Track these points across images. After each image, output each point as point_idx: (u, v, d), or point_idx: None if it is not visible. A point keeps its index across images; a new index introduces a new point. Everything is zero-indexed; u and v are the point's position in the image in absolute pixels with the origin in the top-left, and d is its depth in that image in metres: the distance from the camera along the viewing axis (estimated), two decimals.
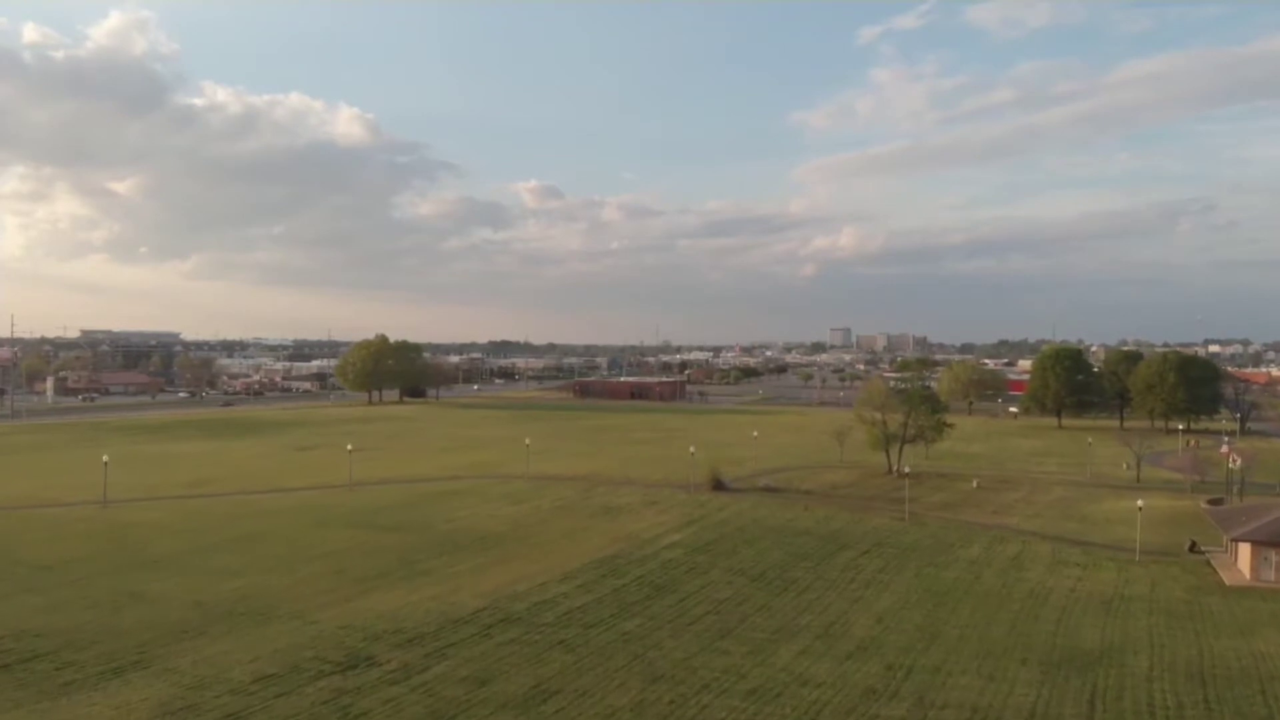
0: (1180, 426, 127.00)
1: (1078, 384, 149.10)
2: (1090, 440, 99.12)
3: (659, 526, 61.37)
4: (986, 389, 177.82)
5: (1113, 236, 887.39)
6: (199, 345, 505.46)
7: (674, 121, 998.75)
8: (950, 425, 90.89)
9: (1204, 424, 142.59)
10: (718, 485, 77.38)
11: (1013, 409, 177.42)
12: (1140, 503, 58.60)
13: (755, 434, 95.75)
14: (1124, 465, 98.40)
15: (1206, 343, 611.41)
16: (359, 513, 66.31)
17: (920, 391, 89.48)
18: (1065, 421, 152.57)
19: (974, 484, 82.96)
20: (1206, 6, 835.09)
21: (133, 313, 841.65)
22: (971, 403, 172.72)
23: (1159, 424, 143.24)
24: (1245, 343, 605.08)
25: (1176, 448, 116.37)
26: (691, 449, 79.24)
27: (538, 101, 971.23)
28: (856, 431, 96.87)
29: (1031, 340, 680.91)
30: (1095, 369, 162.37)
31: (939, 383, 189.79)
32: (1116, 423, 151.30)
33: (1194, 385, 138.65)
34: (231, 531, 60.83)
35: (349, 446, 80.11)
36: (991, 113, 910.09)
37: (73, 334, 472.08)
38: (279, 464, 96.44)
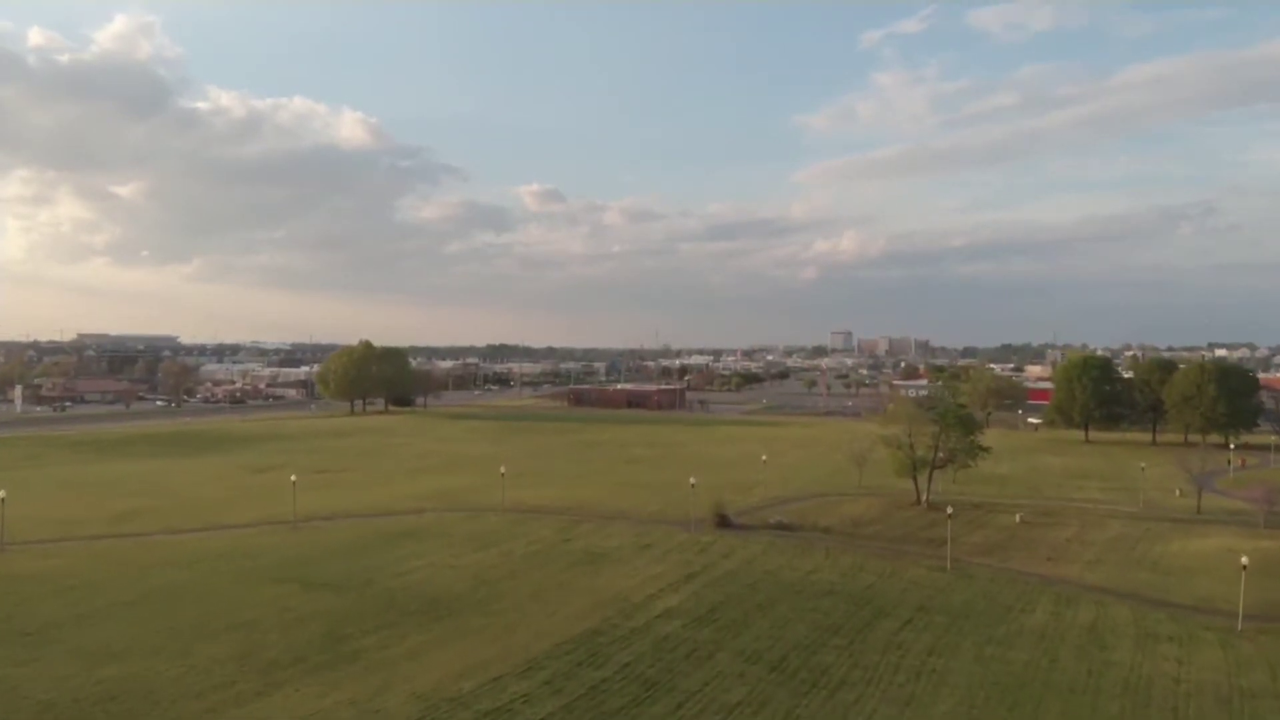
0: (1232, 444, 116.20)
1: (1107, 395, 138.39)
2: (1143, 465, 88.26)
3: (652, 583, 50.56)
4: (1005, 399, 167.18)
5: (1114, 239, 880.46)
6: (194, 349, 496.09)
7: (676, 125, 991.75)
8: (986, 449, 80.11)
9: (1243, 438, 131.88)
10: (722, 521, 66.63)
11: (1032, 420, 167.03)
12: (1245, 560, 47.79)
13: (764, 458, 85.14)
14: (1176, 491, 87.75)
15: (1211, 346, 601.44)
16: (294, 562, 55.51)
17: (954, 410, 78.59)
18: (1092, 435, 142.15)
19: (1016, 518, 72.22)
20: (1208, 10, 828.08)
21: (133, 316, 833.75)
22: (990, 413, 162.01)
23: (1194, 438, 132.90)
24: (1251, 347, 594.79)
25: (1226, 467, 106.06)
26: (692, 481, 68.41)
27: (540, 105, 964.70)
28: (876, 450, 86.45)
29: (1034, 344, 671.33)
30: (1128, 375, 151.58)
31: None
32: (1148, 436, 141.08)
33: (1234, 397, 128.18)
34: (135, 589, 50.02)
35: (293, 478, 69.11)
36: (993, 116, 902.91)
37: (69, 337, 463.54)
38: (227, 490, 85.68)
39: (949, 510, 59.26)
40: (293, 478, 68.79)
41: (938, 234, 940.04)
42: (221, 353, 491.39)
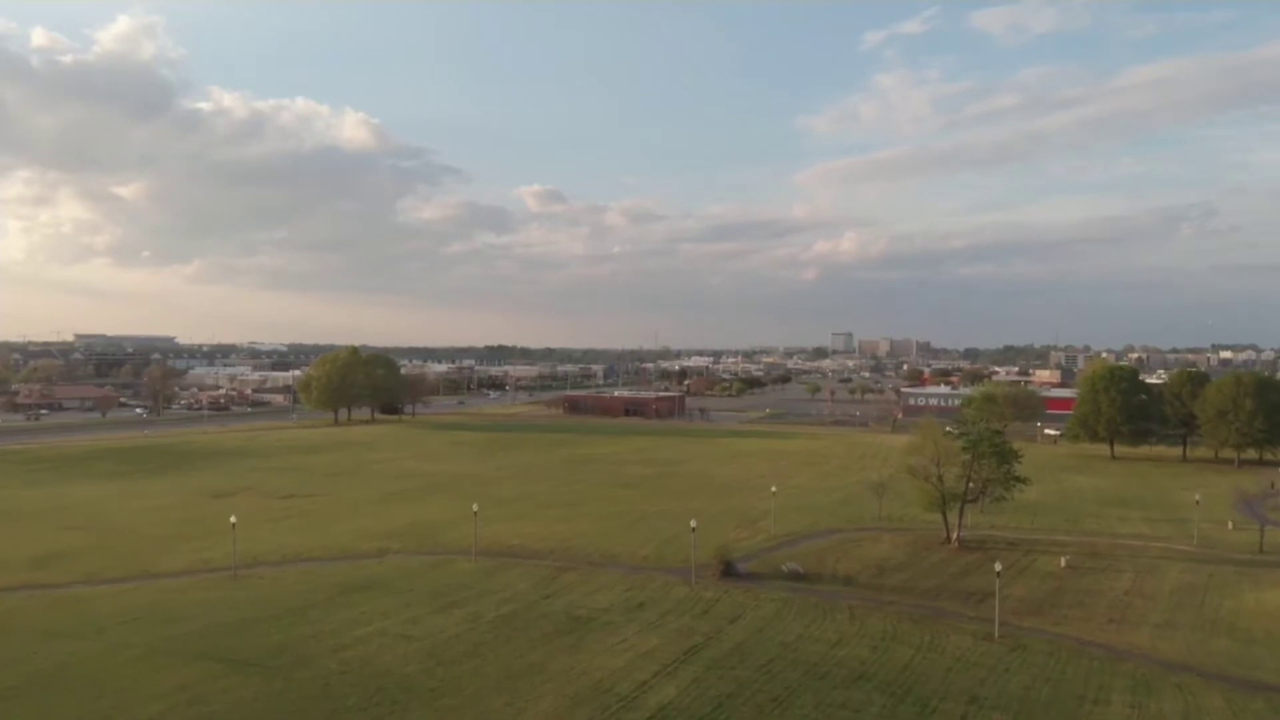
0: None
1: (1135, 408, 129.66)
2: (1197, 498, 79.27)
3: (645, 663, 41.76)
4: (1023, 409, 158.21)
5: (1114, 241, 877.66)
6: (191, 350, 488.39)
7: (677, 126, 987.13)
8: (1024, 480, 71.36)
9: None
10: (727, 570, 57.86)
11: (1049, 431, 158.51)
12: None
13: (774, 489, 76.31)
14: (1229, 524, 79.17)
15: (1215, 348, 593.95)
16: (221, 629, 46.74)
17: (990, 439, 69.78)
18: (1118, 449, 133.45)
19: (1062, 562, 63.45)
20: (1211, 12, 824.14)
21: (132, 317, 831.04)
22: (1006, 425, 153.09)
23: (1225, 454, 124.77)
24: (1255, 349, 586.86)
25: (1271, 490, 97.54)
26: (693, 524, 59.60)
27: (542, 106, 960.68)
28: (896, 475, 78.16)
29: (1037, 345, 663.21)
30: (1152, 379, 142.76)
31: (968, 402, 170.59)
32: (1175, 452, 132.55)
33: (1274, 411, 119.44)
34: (25, 668, 41.33)
35: (233, 520, 60.19)
36: (995, 117, 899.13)
37: (67, 338, 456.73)
38: (175, 522, 76.93)
39: (997, 568, 50.34)
40: (232, 519, 59.92)
41: (939, 235, 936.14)
42: (217, 355, 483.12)
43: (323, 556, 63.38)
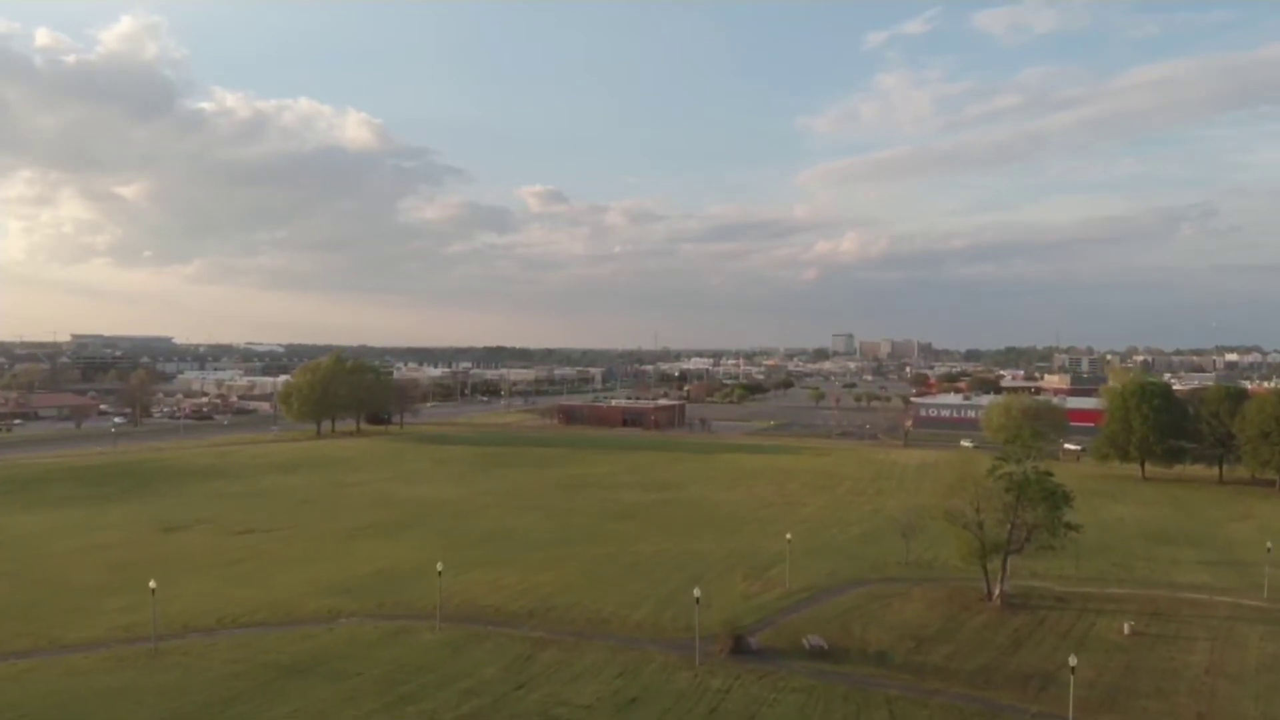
0: None
1: (1169, 426, 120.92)
2: (1269, 546, 69.62)
3: None
4: (1044, 424, 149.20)
5: (1114, 241, 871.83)
6: (187, 351, 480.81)
7: (678, 127, 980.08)
8: (1075, 528, 62.19)
9: None
10: (738, 646, 48.94)
11: (1070, 446, 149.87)
12: None
13: (788, 536, 67.24)
14: None
15: (1219, 349, 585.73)
16: None
17: (1040, 481, 60.84)
18: (1149, 469, 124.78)
19: (1125, 628, 54.55)
20: (1211, 12, 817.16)
21: (133, 317, 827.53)
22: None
23: (1265, 475, 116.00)
24: (1260, 350, 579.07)
25: None
26: (696, 593, 50.61)
27: (544, 107, 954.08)
28: (916, 503, 69.29)
29: (1039, 346, 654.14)
30: (1189, 399, 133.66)
31: (984, 416, 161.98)
32: (1210, 473, 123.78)
33: None
34: None
35: (152, 585, 51.04)
36: (996, 118, 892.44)
37: (64, 338, 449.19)
38: (110, 567, 67.97)
39: (1073, 662, 41.25)
40: (152, 584, 50.91)
41: (939, 235, 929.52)
42: (213, 355, 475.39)
43: (266, 620, 54.43)
